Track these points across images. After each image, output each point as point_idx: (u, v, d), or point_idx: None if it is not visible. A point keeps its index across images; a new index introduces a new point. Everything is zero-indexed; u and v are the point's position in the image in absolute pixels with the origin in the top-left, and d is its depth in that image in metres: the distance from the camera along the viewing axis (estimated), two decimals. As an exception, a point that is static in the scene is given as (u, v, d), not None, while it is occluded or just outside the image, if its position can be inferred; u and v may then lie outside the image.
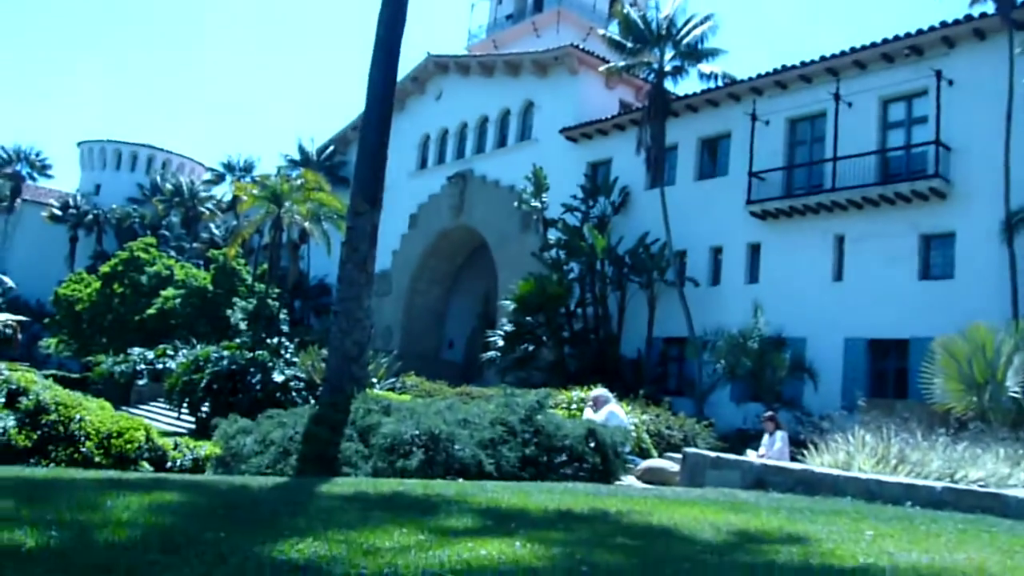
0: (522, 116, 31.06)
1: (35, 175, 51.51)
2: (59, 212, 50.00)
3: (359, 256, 10.23)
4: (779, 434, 12.51)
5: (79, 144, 57.91)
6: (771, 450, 12.11)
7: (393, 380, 20.81)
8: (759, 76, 22.69)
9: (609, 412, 11.44)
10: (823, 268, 21.05)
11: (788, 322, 19.79)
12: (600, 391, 12.95)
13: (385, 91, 10.85)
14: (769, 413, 13.52)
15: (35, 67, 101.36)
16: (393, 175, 11.18)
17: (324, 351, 19.65)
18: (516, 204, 27.23)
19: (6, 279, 15.08)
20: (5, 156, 49.84)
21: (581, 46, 29.82)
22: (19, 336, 8.03)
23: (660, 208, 22.62)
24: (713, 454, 9.76)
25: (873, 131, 20.67)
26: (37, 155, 50.90)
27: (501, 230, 30.00)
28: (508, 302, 24.27)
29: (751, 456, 11.52)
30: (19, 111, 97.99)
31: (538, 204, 26.09)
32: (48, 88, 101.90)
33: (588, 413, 11.90)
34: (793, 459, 11.57)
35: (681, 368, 23.89)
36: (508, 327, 24.11)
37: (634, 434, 12.32)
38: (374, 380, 17.55)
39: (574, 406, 13.65)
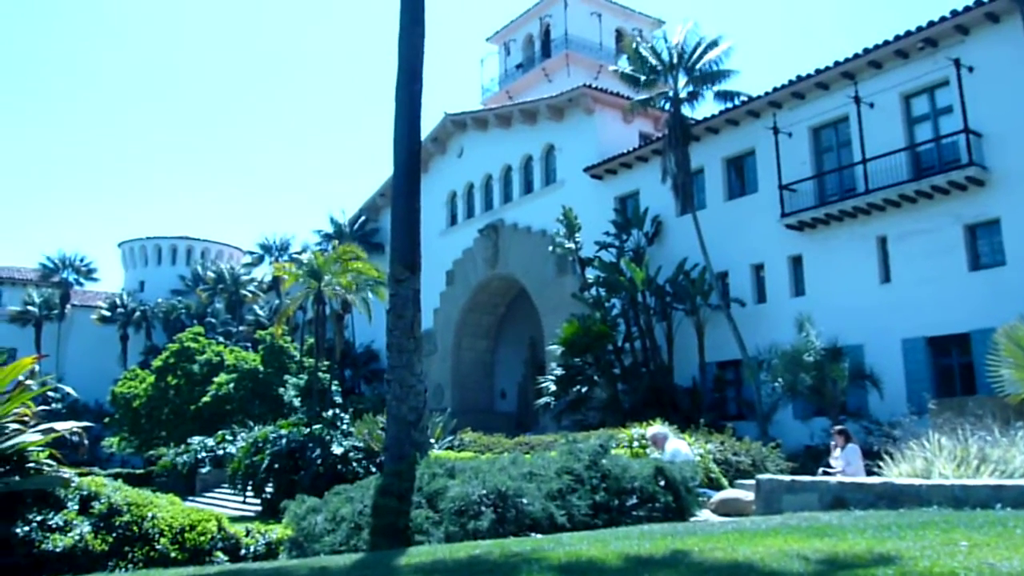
0: (544, 160, 31.34)
1: (81, 280, 52.96)
2: (108, 313, 51.24)
3: (405, 322, 10.31)
4: (851, 448, 12.18)
5: (120, 244, 59.64)
6: (846, 467, 11.78)
7: (451, 438, 20.78)
8: (775, 90, 22.66)
9: (674, 448, 11.27)
10: (869, 272, 20.68)
11: (842, 331, 19.42)
12: (656, 428, 12.78)
13: (410, 159, 11.04)
14: (838, 427, 13.19)
15: (71, 174, 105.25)
16: (425, 235, 11.32)
17: (380, 418, 19.76)
18: (551, 248, 27.32)
19: (65, 387, 15.42)
20: (52, 266, 51.42)
21: (594, 85, 30.13)
22: (85, 442, 8.19)
23: (694, 233, 22.51)
24: (788, 478, 9.52)
25: (899, 128, 20.44)
26: (82, 260, 52.44)
27: (538, 275, 30.08)
28: (555, 346, 24.21)
29: (825, 475, 11.24)
30: (60, 220, 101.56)
31: (572, 245, 26.14)
32: (86, 194, 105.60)
33: (654, 453, 11.73)
34: (869, 472, 11.26)
35: (739, 391, 23.51)
36: (558, 371, 24.00)
37: (701, 465, 12.10)
38: (432, 441, 17.52)
39: (636, 444, 13.46)
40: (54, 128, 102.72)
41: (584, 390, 23.23)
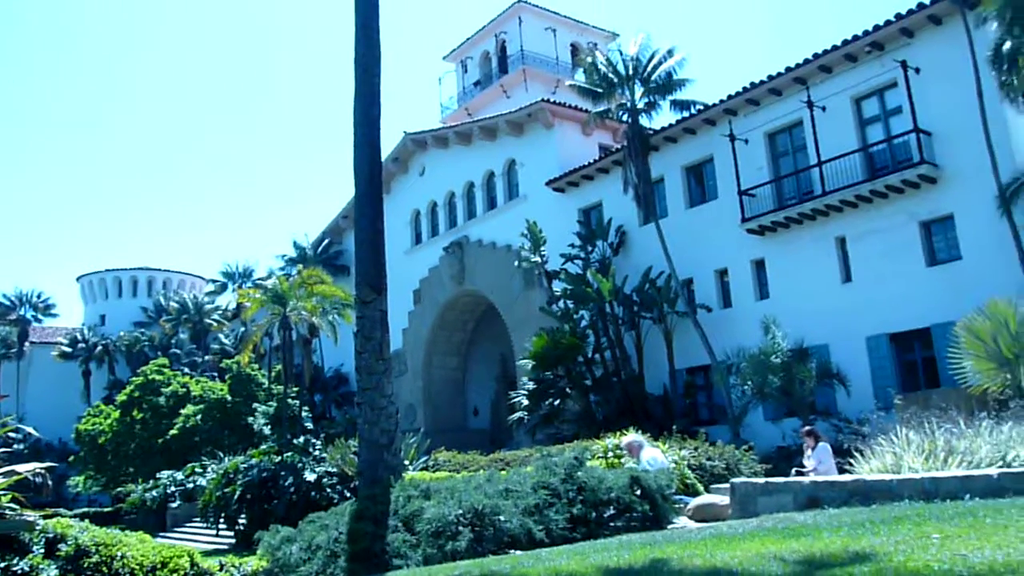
0: (506, 176, 31.43)
1: (40, 316, 51.92)
2: (68, 349, 50.24)
3: (373, 344, 10.25)
4: (821, 447, 12.31)
5: (78, 279, 58.55)
6: (818, 466, 11.90)
7: (425, 459, 20.62)
8: (730, 97, 23.02)
9: (650, 456, 11.29)
10: (831, 272, 21.02)
11: (807, 332, 19.72)
12: (631, 437, 12.81)
13: (371, 181, 11.02)
14: (807, 428, 13.34)
15: (26, 209, 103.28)
16: (390, 255, 11.28)
17: (352, 442, 19.55)
18: (516, 263, 27.36)
19: (27, 427, 15.02)
20: (8, 303, 50.34)
21: (552, 99, 30.34)
22: (48, 483, 7.96)
23: (658, 242, 22.71)
24: (762, 480, 9.60)
25: (852, 130, 20.86)
26: (39, 296, 51.42)
27: (505, 290, 30.08)
28: (525, 360, 24.20)
29: (798, 475, 11.35)
30: (15, 256, 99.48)
31: (538, 259, 26.21)
32: (40, 228, 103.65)
33: (629, 462, 11.75)
34: (840, 470, 11.38)
35: (710, 396, 23.70)
36: (530, 385, 23.99)
37: (677, 472, 12.15)
38: (406, 463, 17.38)
39: (611, 454, 13.47)
40: (4, 163, 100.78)
41: (557, 403, 23.23)
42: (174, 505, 26.77)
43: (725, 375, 20.59)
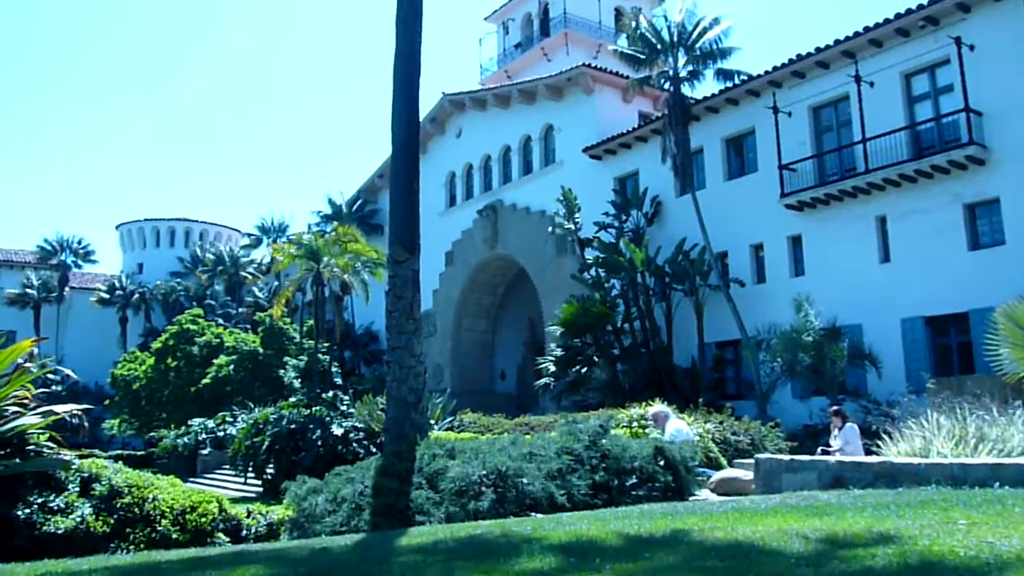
0: (543, 141, 31.21)
1: (80, 263, 52.88)
2: (106, 295, 51.21)
3: (404, 304, 10.30)
4: (849, 427, 12.22)
5: (118, 227, 59.45)
6: (845, 446, 11.82)
7: (450, 419, 20.84)
8: (775, 69, 22.53)
9: (675, 428, 11.29)
10: (869, 251, 20.67)
11: (841, 311, 19.44)
12: (658, 407, 12.80)
13: (408, 141, 10.99)
14: (835, 407, 13.24)
15: (69, 156, 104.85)
16: (424, 216, 11.31)
17: (380, 399, 19.82)
18: (550, 229, 27.26)
19: (65, 369, 15.51)
20: (50, 248, 51.32)
21: (593, 64, 29.93)
22: (85, 424, 8.22)
23: (694, 213, 22.47)
24: (787, 457, 9.56)
25: (899, 107, 20.35)
26: (79, 242, 52.33)
27: (538, 256, 30.05)
28: (554, 327, 24.22)
29: (824, 454, 11.28)
30: (58, 202, 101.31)
31: (571, 226, 26.09)
32: (82, 175, 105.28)
33: (654, 432, 11.77)
34: (867, 452, 11.29)
35: (738, 371, 23.57)
36: (557, 352, 24.04)
37: (701, 445, 12.14)
38: (432, 422, 17.57)
39: (635, 424, 13.49)
40: (51, 111, 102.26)
41: (584, 371, 23.28)
42: (205, 452, 27.41)
43: (755, 351, 20.45)
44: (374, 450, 18.38)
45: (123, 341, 49.37)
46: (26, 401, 7.80)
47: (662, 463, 9.07)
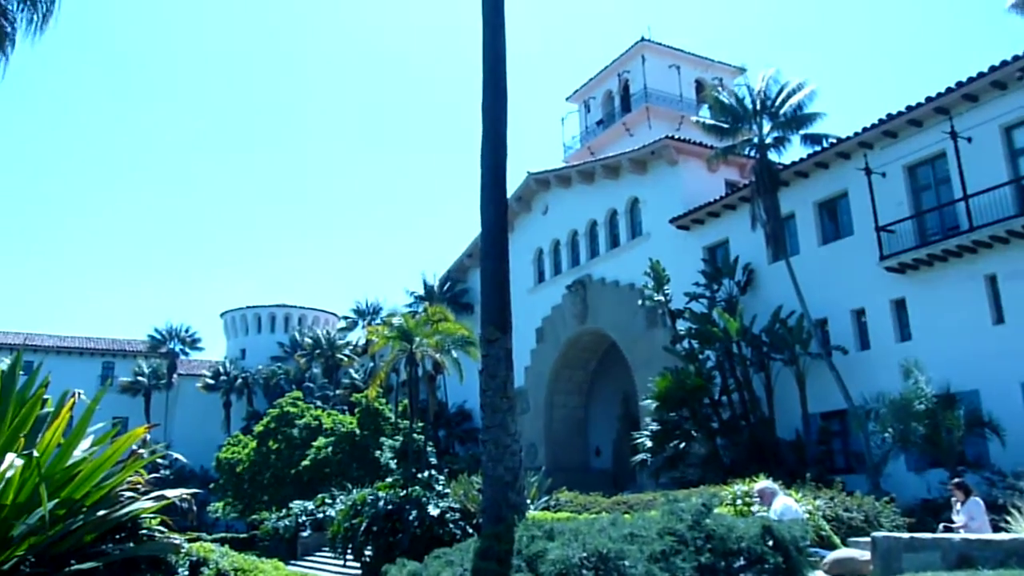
0: (629, 214, 31.31)
1: (187, 350, 55.38)
2: (212, 381, 53.27)
3: (498, 382, 10.33)
4: (973, 501, 11.41)
5: (222, 314, 62.24)
6: (969, 522, 11.03)
7: (546, 498, 20.48)
8: (865, 130, 22.10)
9: (782, 505, 10.78)
10: (980, 312, 19.62)
11: (954, 376, 18.40)
12: (763, 483, 12.28)
13: (497, 221, 11.22)
14: (956, 480, 12.40)
15: (176, 250, 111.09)
16: (514, 293, 11.41)
17: (475, 479, 19.69)
18: (640, 302, 27.03)
19: (174, 454, 16.11)
20: (160, 337, 54.00)
21: (676, 136, 30.09)
22: (194, 508, 8.43)
23: (789, 280, 21.93)
24: (907, 535, 8.97)
25: (1001, 161, 19.54)
26: (187, 331, 54.91)
27: (628, 329, 29.78)
28: (649, 401, 23.75)
29: (947, 531, 10.55)
30: (167, 293, 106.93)
31: (661, 297, 25.81)
32: (189, 267, 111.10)
33: (760, 510, 11.26)
34: (995, 528, 10.51)
35: (846, 443, 22.48)
36: (653, 426, 23.49)
37: (811, 523, 11.53)
38: (528, 501, 17.31)
39: (740, 502, 12.95)
40: (162, 208, 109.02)
41: (682, 446, 22.62)
42: (305, 534, 27.68)
43: (863, 421, 19.48)
44: (471, 531, 18.18)
45: (227, 424, 51.02)
46: (139, 486, 8.07)
47: (771, 543, 8.63)
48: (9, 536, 5.50)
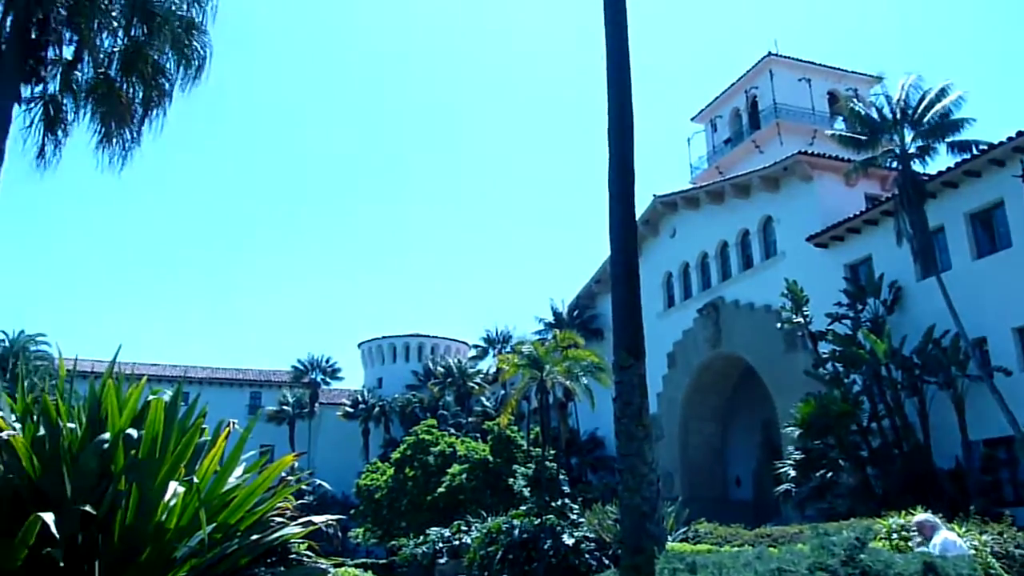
0: (762, 233, 30.34)
1: (328, 380, 57.83)
2: (351, 409, 55.27)
3: (632, 409, 10.12)
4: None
5: (359, 345, 64.63)
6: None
7: (684, 530, 19.93)
8: (1020, 134, 20.52)
9: (944, 540, 9.98)
10: None
11: None
12: (923, 516, 11.40)
13: (626, 247, 11.08)
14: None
15: (317, 283, 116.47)
16: (644, 318, 11.18)
17: (609, 508, 19.40)
18: (779, 324, 25.98)
19: (322, 482, 16.83)
20: (302, 367, 56.64)
21: (809, 151, 29.01)
22: (338, 534, 8.71)
23: (940, 297, 20.54)
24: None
25: None
26: (327, 361, 57.36)
27: (765, 353, 28.71)
28: (791, 428, 22.72)
29: None
30: (309, 326, 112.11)
31: (800, 319, 24.73)
32: (328, 299, 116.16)
33: (919, 545, 10.47)
34: None
35: (1014, 472, 20.68)
36: (797, 455, 22.43)
37: (979, 561, 10.61)
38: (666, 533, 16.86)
39: (896, 536, 12.11)
40: (302, 244, 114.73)
41: (828, 475, 21.45)
42: (442, 561, 28.02)
43: (1033, 448, 17.88)
44: (607, 561, 17.90)
45: (365, 451, 52.67)
46: (287, 512, 8.39)
47: (936, 582, 7.98)
48: (173, 557, 5.81)
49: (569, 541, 19.54)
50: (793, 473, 22.20)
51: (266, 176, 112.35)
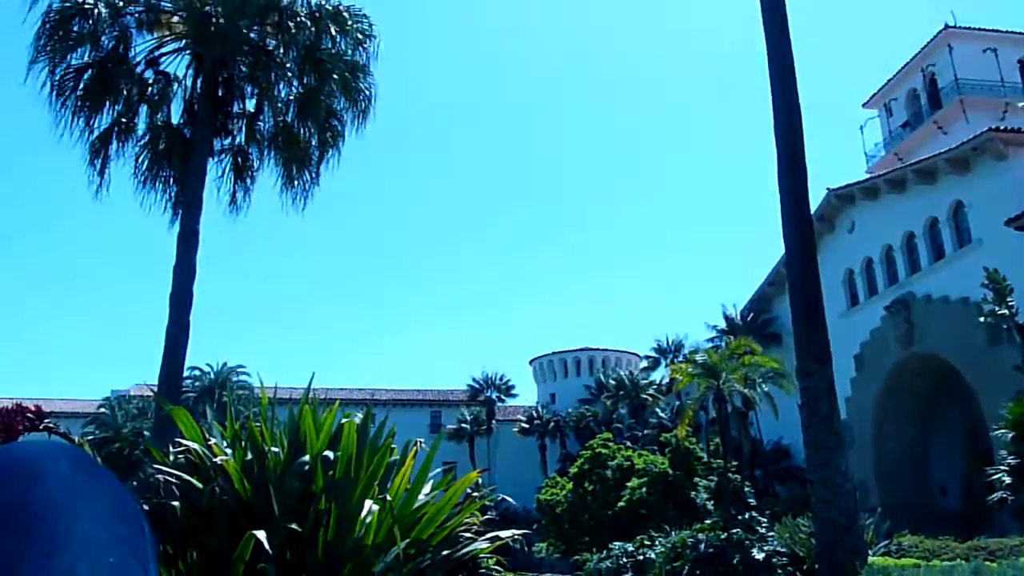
0: (953, 220, 28.07)
1: (503, 397, 59.03)
2: (526, 425, 56.12)
3: (821, 417, 9.61)
4: None
5: (530, 362, 65.55)
6: None
7: (885, 543, 18.57)
8: None
9: None
10: None
11: None
12: None
13: (803, 247, 10.59)
14: None
15: (489, 303, 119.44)
16: (826, 320, 10.57)
17: (800, 521, 18.46)
18: (980, 318, 23.81)
19: (505, 497, 17.25)
20: (478, 386, 58.19)
21: (1001, 127, 26.54)
22: (525, 548, 8.83)
23: None
24: None
25: None
26: (501, 378, 58.60)
27: (966, 350, 26.41)
28: (1001, 431, 20.69)
29: None
30: (483, 344, 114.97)
31: (1005, 311, 22.51)
32: (500, 318, 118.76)
33: None
34: None
35: None
36: (1011, 460, 20.37)
37: None
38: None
39: None
40: (470, 264, 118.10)
41: (1051, 482, 19.33)
42: (625, 576, 27.72)
43: None
44: (802, 577, 17.00)
45: (543, 466, 53.21)
46: (474, 527, 8.59)
47: None
48: (372, 572, 6.09)
49: (759, 556, 18.75)
50: (1008, 480, 20.15)
51: (436, 204, 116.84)
